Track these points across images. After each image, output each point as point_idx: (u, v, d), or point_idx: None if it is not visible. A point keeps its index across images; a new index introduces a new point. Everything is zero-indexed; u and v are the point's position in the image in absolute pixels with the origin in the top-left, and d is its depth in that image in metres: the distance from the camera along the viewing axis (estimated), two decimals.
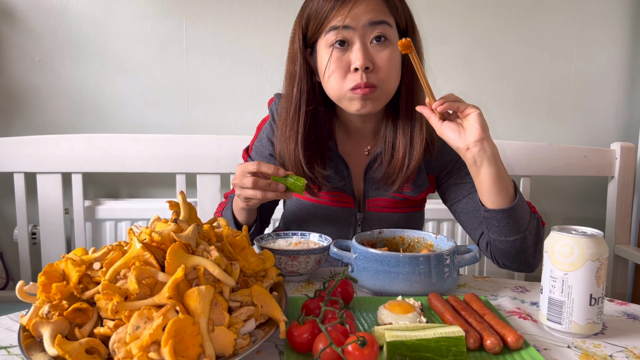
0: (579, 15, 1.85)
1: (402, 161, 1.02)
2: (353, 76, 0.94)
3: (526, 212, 0.94)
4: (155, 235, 0.61)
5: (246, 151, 1.17)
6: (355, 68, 0.92)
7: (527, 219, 0.93)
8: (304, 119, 1.00)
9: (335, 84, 0.96)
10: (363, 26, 0.92)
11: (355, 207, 1.10)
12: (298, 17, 1.01)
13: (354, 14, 0.92)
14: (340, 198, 1.09)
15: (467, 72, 1.83)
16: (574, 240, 0.67)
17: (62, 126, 1.69)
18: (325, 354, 0.56)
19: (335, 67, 0.94)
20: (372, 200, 1.09)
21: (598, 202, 1.91)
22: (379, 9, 0.94)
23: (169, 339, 0.52)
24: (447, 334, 0.60)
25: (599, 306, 0.68)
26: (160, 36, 1.70)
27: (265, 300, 0.64)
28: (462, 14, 1.80)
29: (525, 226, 0.93)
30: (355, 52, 0.93)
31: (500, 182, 0.90)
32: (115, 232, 1.63)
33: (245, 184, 0.91)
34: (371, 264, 0.81)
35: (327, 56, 0.95)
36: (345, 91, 0.95)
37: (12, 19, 1.64)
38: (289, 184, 0.91)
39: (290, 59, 1.02)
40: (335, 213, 1.10)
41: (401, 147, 1.02)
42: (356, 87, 0.93)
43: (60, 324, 0.58)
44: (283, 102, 1.04)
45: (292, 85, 1.01)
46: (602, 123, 1.92)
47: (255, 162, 0.91)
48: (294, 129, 1.01)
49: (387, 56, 0.94)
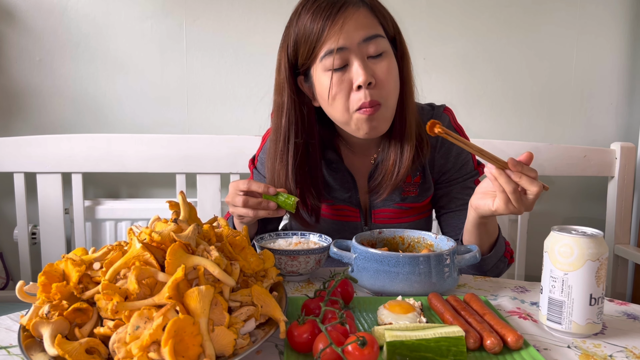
0: (579, 15, 1.85)
1: (391, 168, 1.00)
2: (357, 95, 0.90)
3: (492, 261, 0.98)
4: (155, 235, 0.61)
5: (252, 161, 1.16)
6: (359, 85, 0.89)
7: (491, 264, 0.99)
8: (293, 150, 0.98)
9: (341, 107, 0.92)
10: (358, 44, 0.89)
11: (362, 220, 1.08)
12: (282, 45, 0.97)
13: (346, 32, 0.88)
14: (346, 212, 1.08)
15: (467, 72, 1.83)
16: (574, 240, 0.67)
17: (62, 126, 1.70)
18: (325, 354, 0.56)
19: (337, 90, 0.91)
20: (378, 211, 1.08)
21: (598, 202, 1.91)
22: (369, 22, 0.91)
23: (169, 339, 0.52)
24: (447, 334, 0.60)
25: (599, 306, 0.68)
26: (160, 36, 1.70)
27: (265, 300, 0.64)
28: (462, 14, 1.80)
29: (488, 267, 0.99)
30: (355, 70, 0.89)
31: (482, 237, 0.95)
32: (115, 232, 1.63)
33: (237, 203, 0.92)
34: (371, 264, 0.81)
35: (326, 80, 0.91)
36: (352, 112, 0.92)
37: (12, 19, 1.64)
38: (280, 202, 0.92)
39: (277, 89, 0.98)
40: (342, 227, 1.08)
41: (392, 155, 1.00)
42: (362, 107, 0.90)
43: (60, 324, 0.58)
44: (272, 134, 1.01)
45: (280, 116, 0.98)
46: (602, 123, 1.92)
47: (246, 181, 0.92)
48: (284, 161, 0.98)
49: (386, 68, 0.92)
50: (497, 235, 0.98)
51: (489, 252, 0.98)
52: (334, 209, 1.09)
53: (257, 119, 1.76)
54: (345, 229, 1.08)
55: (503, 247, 1.00)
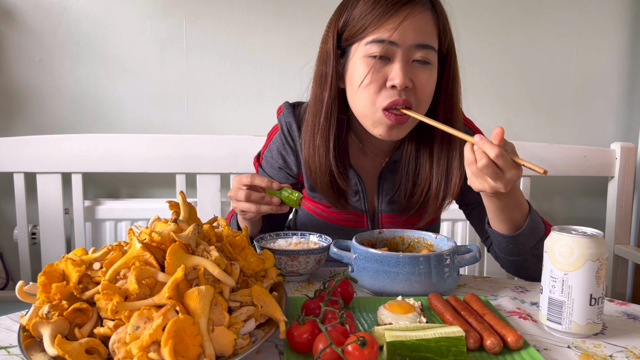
0: (579, 15, 1.85)
1: (436, 191, 0.96)
2: (388, 92, 0.87)
3: (533, 237, 0.89)
4: (155, 235, 0.61)
5: (257, 159, 1.12)
6: (393, 85, 0.86)
7: (532, 244, 0.89)
8: (335, 126, 0.94)
9: (367, 99, 0.89)
10: (409, 46, 0.86)
11: (369, 227, 1.06)
12: (334, 16, 0.93)
13: (404, 28, 0.85)
14: (354, 217, 1.05)
15: (467, 72, 1.82)
16: (574, 240, 0.67)
17: (62, 126, 1.69)
18: (325, 354, 0.56)
19: (371, 80, 0.87)
20: (386, 216, 1.05)
21: (598, 202, 1.91)
22: (428, 29, 0.88)
23: (169, 339, 0.52)
24: (447, 334, 0.60)
25: (599, 306, 0.68)
26: (160, 36, 1.70)
27: (265, 300, 0.64)
28: (462, 14, 1.80)
29: (529, 249, 0.90)
30: (395, 69, 0.86)
31: (503, 213, 0.87)
32: (115, 232, 1.63)
33: (239, 197, 0.89)
34: (371, 264, 0.81)
35: (362, 66, 0.88)
36: (377, 108, 0.88)
37: (12, 19, 1.64)
38: (284, 198, 0.90)
39: (322, 58, 0.94)
40: (349, 233, 1.03)
41: (434, 177, 0.96)
42: (391, 105, 0.87)
43: (60, 324, 0.58)
44: (312, 106, 0.97)
45: (322, 87, 0.94)
46: (602, 123, 1.92)
47: (249, 175, 0.89)
48: (325, 137, 0.94)
49: (427, 78, 0.89)
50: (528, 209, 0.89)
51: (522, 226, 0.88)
52: (342, 214, 1.05)
53: (256, 118, 1.76)
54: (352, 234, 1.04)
55: (542, 226, 0.91)
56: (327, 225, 1.07)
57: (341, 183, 0.97)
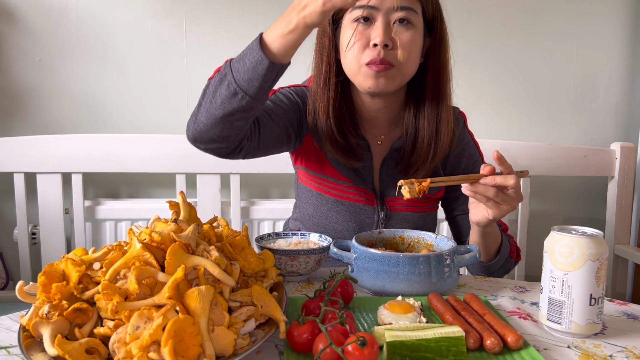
0: (579, 15, 1.85)
1: (426, 150, 1.03)
2: (371, 51, 0.94)
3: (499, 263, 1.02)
4: (155, 235, 0.61)
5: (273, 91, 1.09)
6: (375, 44, 0.93)
7: (498, 266, 1.02)
8: (333, 90, 1.02)
9: (353, 57, 0.96)
10: (388, 9, 0.94)
11: (378, 205, 1.09)
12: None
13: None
14: (363, 195, 1.08)
15: (467, 72, 1.83)
16: (574, 240, 0.67)
17: (62, 126, 1.69)
18: (325, 354, 0.56)
19: (355, 41, 0.96)
20: (392, 199, 1.09)
21: (598, 202, 1.91)
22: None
23: (169, 339, 0.52)
24: (447, 334, 0.60)
25: (599, 306, 0.68)
26: (160, 36, 1.70)
27: (265, 300, 0.64)
28: (462, 14, 1.80)
29: (495, 269, 1.03)
30: (376, 29, 0.94)
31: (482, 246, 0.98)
32: (115, 232, 1.63)
33: None
34: (371, 264, 0.81)
35: (350, 31, 0.96)
36: (361, 65, 0.96)
37: (12, 19, 1.64)
38: None
39: (320, 33, 1.04)
40: (358, 210, 1.09)
41: (426, 136, 1.03)
42: (371, 62, 0.94)
43: (60, 324, 0.58)
44: (313, 76, 1.06)
45: (321, 58, 1.03)
46: (602, 123, 1.92)
47: None
48: (324, 100, 1.03)
49: (409, 37, 0.95)
50: (501, 239, 1.02)
51: (495, 256, 1.02)
52: (352, 190, 1.09)
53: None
54: (361, 211, 1.09)
55: (508, 249, 1.04)
56: (337, 202, 1.09)
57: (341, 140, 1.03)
